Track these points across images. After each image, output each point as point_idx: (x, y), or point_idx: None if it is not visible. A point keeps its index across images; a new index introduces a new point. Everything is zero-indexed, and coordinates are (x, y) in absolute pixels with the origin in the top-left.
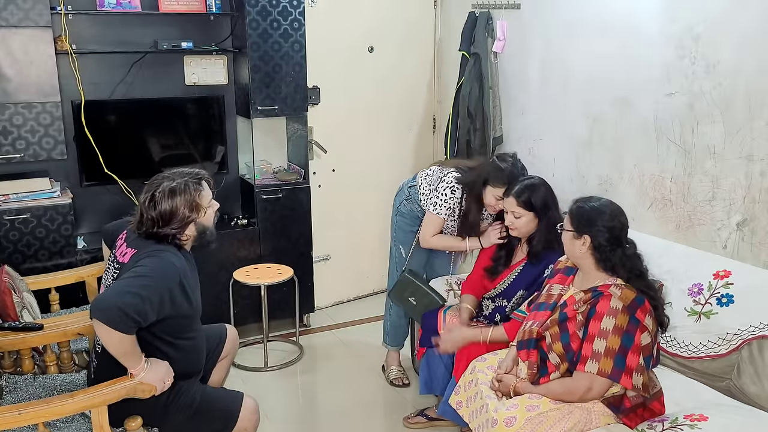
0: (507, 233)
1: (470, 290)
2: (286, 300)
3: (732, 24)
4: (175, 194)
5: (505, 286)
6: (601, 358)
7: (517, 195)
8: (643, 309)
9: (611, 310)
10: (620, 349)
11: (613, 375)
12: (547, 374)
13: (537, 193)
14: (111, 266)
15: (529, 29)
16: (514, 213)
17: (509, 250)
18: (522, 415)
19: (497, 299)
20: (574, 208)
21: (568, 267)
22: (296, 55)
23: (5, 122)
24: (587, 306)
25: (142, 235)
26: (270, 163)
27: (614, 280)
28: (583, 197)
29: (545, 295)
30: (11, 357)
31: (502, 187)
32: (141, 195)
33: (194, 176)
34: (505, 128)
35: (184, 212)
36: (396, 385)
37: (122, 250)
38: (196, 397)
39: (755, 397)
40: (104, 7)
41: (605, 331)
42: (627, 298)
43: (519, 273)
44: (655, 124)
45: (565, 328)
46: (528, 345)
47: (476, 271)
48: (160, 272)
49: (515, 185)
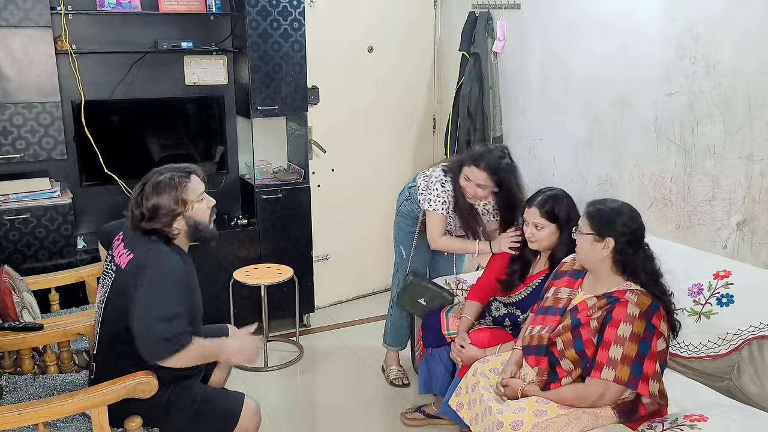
0: (521, 245)
1: (477, 297)
2: (286, 300)
3: (732, 24)
4: (159, 188)
5: (521, 297)
6: (618, 365)
7: (540, 205)
8: (658, 315)
9: (628, 316)
10: (637, 356)
11: (630, 382)
12: (558, 380)
13: (560, 204)
14: (109, 267)
15: (529, 29)
16: (536, 224)
17: (524, 263)
18: (529, 420)
19: (510, 307)
20: (593, 211)
21: (576, 270)
22: (296, 55)
23: (5, 122)
24: (603, 312)
25: (136, 232)
26: (270, 163)
27: (629, 285)
28: (597, 199)
29: (552, 299)
30: (11, 357)
31: (471, 165)
32: (134, 191)
33: (182, 170)
34: (505, 128)
35: (169, 206)
36: (396, 385)
37: (119, 251)
38: (197, 397)
39: (755, 397)
40: (104, 7)
41: (622, 338)
42: (643, 304)
43: (537, 285)
44: (655, 124)
45: (578, 335)
46: (538, 351)
47: (487, 278)
48: (169, 278)
49: (538, 196)
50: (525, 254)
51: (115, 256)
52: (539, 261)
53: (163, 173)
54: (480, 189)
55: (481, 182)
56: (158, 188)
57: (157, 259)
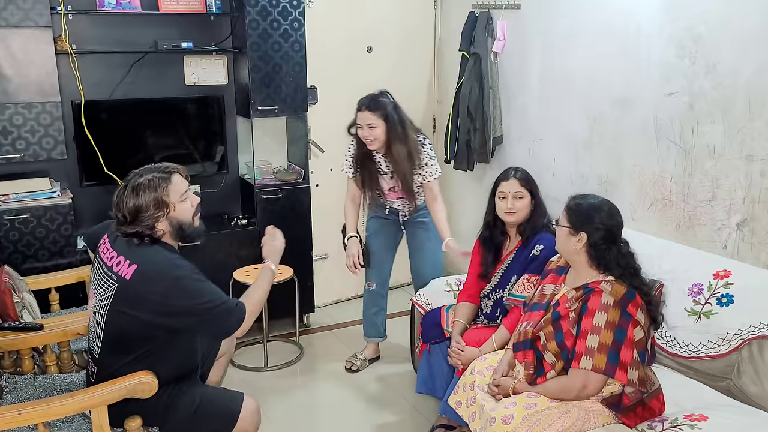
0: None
1: (465, 297)
2: (286, 300)
3: (732, 24)
4: (139, 191)
5: (498, 277)
6: (595, 354)
7: (518, 176)
8: (634, 303)
9: (602, 305)
10: (613, 344)
11: (607, 370)
12: (544, 374)
13: (529, 175)
14: (104, 274)
15: (529, 29)
16: (516, 194)
17: (496, 247)
18: (520, 413)
19: (493, 293)
20: (572, 205)
21: (559, 267)
22: (296, 55)
23: (5, 122)
24: (579, 303)
25: (124, 235)
26: (270, 163)
27: (605, 277)
28: (580, 194)
29: (538, 296)
30: (11, 357)
31: (357, 113)
32: (115, 193)
33: (163, 170)
34: (505, 128)
35: (150, 209)
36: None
37: (110, 254)
38: (196, 397)
39: (755, 397)
40: (104, 7)
41: (597, 326)
42: (618, 293)
43: (510, 262)
44: (655, 124)
45: (558, 327)
46: (524, 346)
47: (470, 277)
48: (187, 279)
49: (510, 171)
50: (495, 238)
51: (105, 260)
52: (509, 243)
53: (143, 174)
54: (371, 129)
55: (370, 122)
56: (138, 190)
57: (165, 265)
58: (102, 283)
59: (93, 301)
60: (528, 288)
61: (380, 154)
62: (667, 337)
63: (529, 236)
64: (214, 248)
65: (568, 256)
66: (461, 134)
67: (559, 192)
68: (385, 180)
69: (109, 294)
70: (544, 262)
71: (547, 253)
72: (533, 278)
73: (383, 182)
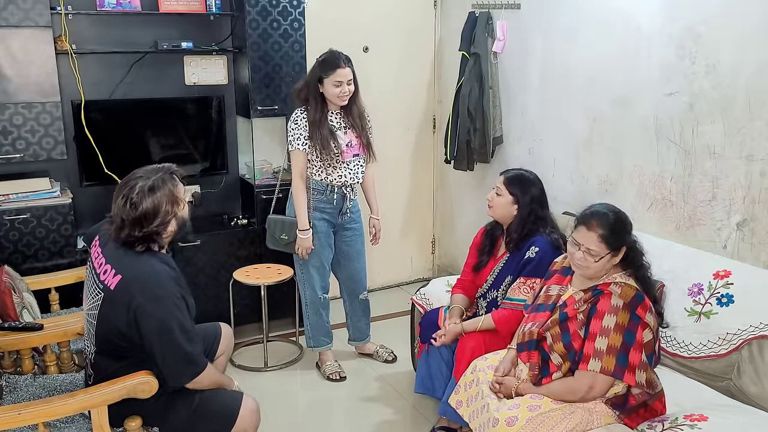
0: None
1: (460, 289)
2: (286, 300)
3: (732, 24)
4: (155, 191)
5: (493, 277)
6: (604, 356)
7: (507, 175)
8: (643, 306)
9: (612, 308)
10: (622, 347)
11: (616, 372)
12: (549, 374)
13: (526, 182)
14: (92, 276)
15: (529, 29)
16: (497, 189)
17: (492, 239)
18: (524, 415)
19: (489, 293)
20: (605, 234)
21: (564, 267)
22: (296, 55)
23: (5, 122)
24: (588, 305)
25: (120, 242)
26: (270, 163)
27: (614, 278)
28: (597, 212)
29: (543, 296)
30: (11, 357)
31: (334, 69)
32: (116, 200)
33: (166, 171)
34: (505, 128)
35: (166, 207)
36: (332, 379)
37: (99, 261)
38: (195, 397)
39: (755, 397)
40: (104, 7)
41: (607, 329)
42: (627, 295)
43: (505, 262)
44: (655, 124)
45: (566, 328)
46: (529, 347)
47: (466, 267)
48: (167, 299)
49: (513, 170)
50: (494, 231)
51: (96, 266)
52: (502, 244)
53: (150, 176)
54: (349, 85)
55: (350, 78)
56: (152, 191)
57: (148, 280)
58: (92, 289)
59: (86, 305)
60: (524, 291)
61: (336, 111)
62: (667, 337)
63: (517, 242)
64: (214, 248)
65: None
66: (461, 134)
67: (559, 192)
68: (340, 137)
69: (97, 303)
70: (540, 263)
71: (542, 255)
72: (529, 281)
73: (340, 139)
